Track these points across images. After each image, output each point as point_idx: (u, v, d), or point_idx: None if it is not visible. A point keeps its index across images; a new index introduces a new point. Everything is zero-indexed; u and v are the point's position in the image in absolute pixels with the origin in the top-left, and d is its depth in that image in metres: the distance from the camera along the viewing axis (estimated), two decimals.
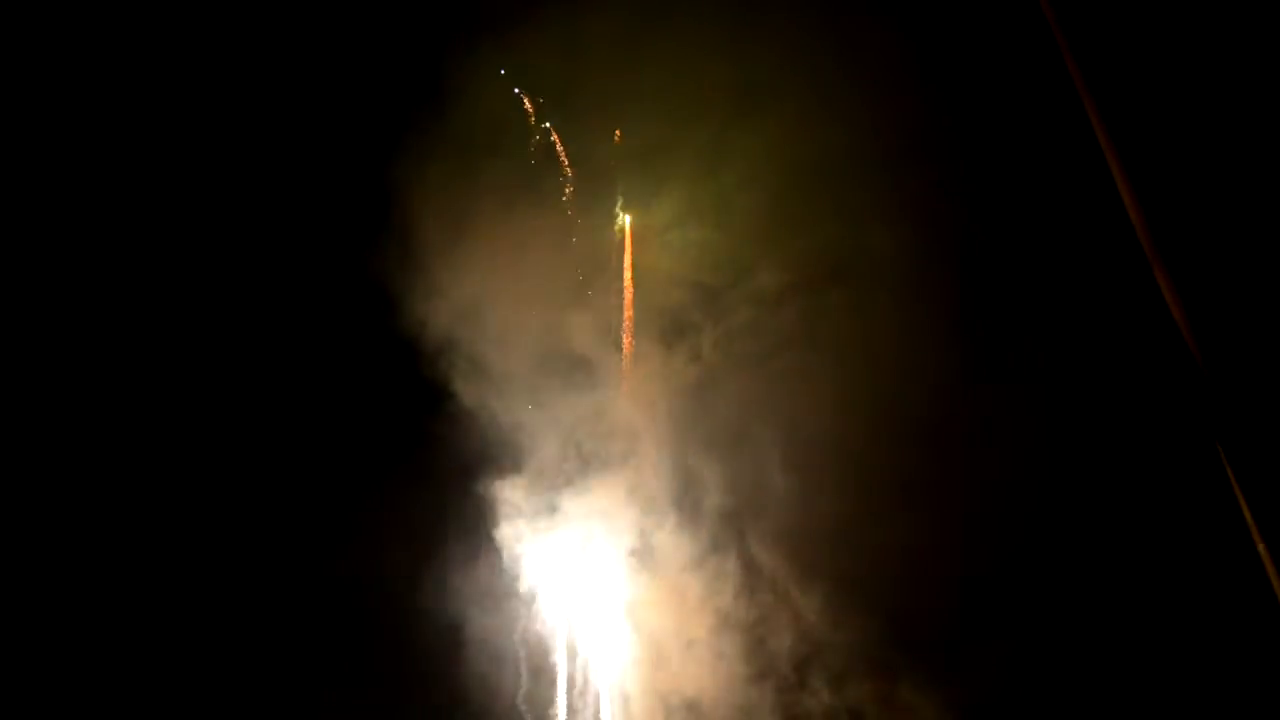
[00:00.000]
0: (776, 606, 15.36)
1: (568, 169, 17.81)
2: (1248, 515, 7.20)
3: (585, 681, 15.88)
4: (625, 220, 17.76)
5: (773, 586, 15.44)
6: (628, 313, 17.34)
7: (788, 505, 15.30)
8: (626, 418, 16.81)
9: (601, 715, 15.70)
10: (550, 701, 15.77)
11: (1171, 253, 7.96)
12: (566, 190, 17.71)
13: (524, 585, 16.13)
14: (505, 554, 16.19)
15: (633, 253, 17.58)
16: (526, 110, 17.81)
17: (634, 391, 17.01)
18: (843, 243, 15.20)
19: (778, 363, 15.89)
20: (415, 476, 16.55)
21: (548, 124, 17.91)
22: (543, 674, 15.91)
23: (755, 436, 15.74)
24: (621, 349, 17.13)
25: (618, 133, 17.47)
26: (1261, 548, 6.97)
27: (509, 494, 16.49)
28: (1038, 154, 13.16)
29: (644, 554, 16.11)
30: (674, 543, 15.94)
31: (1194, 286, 7.83)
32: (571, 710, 15.74)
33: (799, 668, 15.10)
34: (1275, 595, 7.01)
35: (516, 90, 17.69)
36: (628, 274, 17.46)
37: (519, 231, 16.94)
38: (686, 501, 16.08)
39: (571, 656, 15.98)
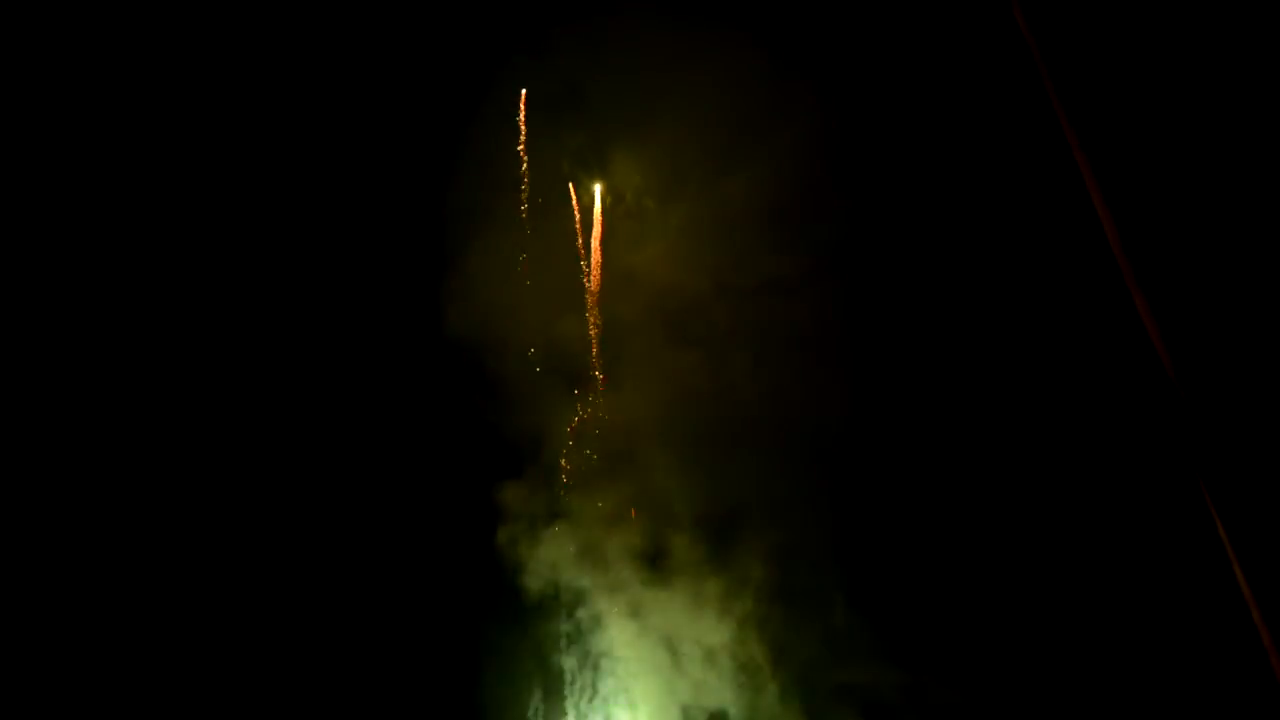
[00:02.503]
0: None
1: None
2: (1222, 532, 7.24)
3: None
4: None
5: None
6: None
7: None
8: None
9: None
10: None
11: (1147, 270, 7.94)
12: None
13: (533, 592, 16.31)
14: (513, 559, 16.36)
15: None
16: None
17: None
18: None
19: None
20: (423, 481, 16.71)
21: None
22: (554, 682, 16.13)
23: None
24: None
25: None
26: (1237, 569, 7.00)
27: (516, 498, 16.65)
28: (1012, 166, 13.05)
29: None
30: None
31: (1170, 304, 7.80)
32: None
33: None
34: (1249, 610, 7.07)
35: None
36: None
37: (524, 236, 17.11)
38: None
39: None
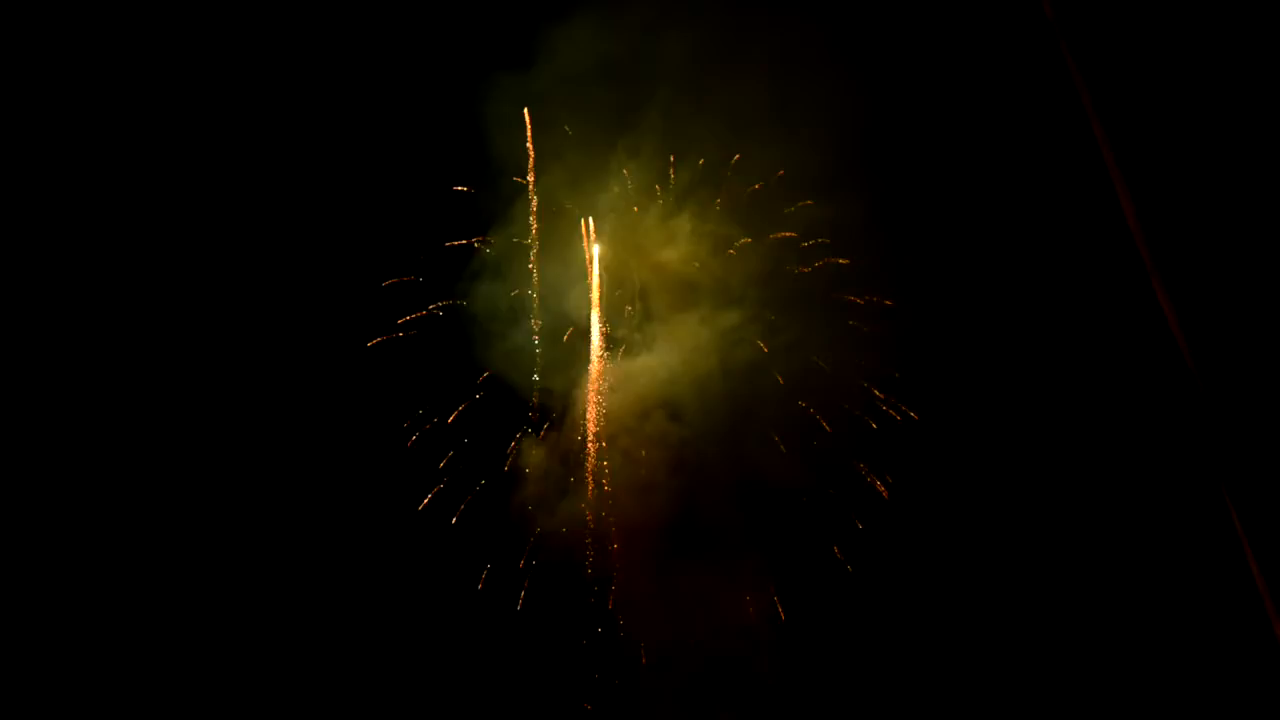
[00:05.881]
0: None
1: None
2: (1238, 526, 7.37)
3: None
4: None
5: None
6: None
7: None
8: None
9: None
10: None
11: (1169, 264, 8.02)
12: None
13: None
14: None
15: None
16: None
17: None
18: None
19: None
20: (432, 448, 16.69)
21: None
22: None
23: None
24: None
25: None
26: (1253, 563, 7.13)
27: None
28: (1037, 158, 13.10)
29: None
30: None
31: (1191, 298, 7.89)
32: None
33: None
34: (1265, 607, 7.21)
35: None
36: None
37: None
38: None
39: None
